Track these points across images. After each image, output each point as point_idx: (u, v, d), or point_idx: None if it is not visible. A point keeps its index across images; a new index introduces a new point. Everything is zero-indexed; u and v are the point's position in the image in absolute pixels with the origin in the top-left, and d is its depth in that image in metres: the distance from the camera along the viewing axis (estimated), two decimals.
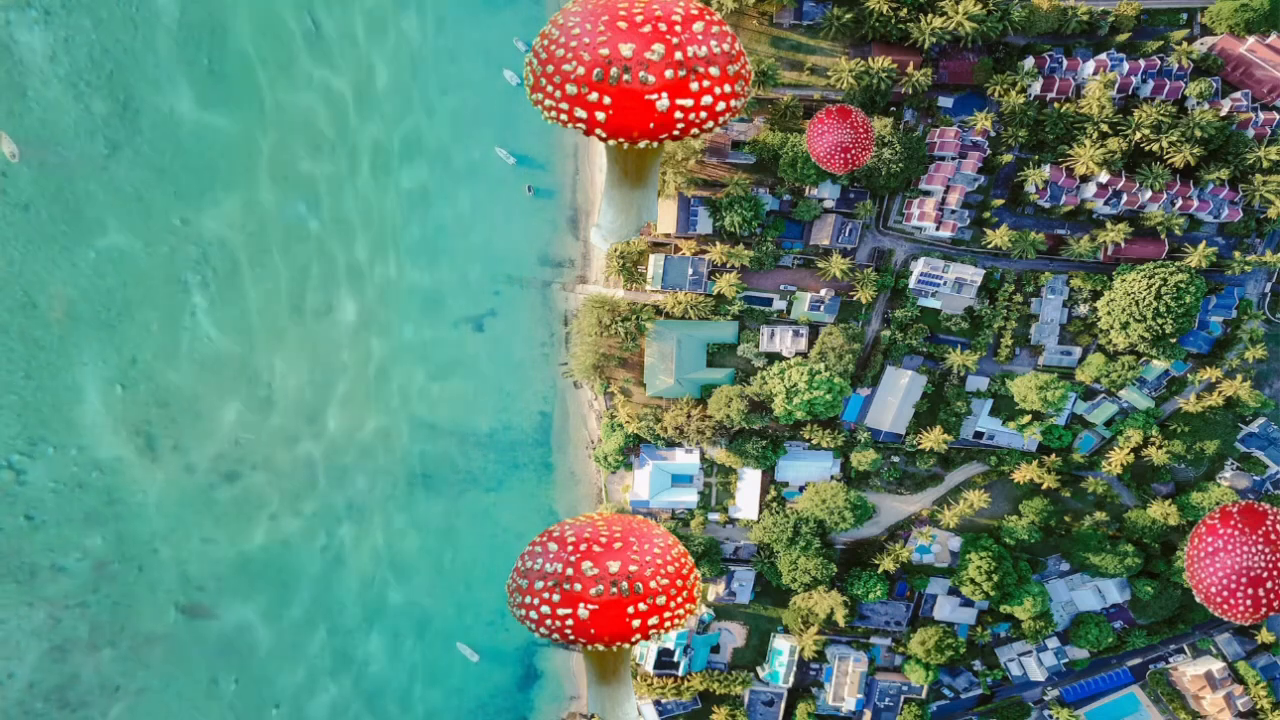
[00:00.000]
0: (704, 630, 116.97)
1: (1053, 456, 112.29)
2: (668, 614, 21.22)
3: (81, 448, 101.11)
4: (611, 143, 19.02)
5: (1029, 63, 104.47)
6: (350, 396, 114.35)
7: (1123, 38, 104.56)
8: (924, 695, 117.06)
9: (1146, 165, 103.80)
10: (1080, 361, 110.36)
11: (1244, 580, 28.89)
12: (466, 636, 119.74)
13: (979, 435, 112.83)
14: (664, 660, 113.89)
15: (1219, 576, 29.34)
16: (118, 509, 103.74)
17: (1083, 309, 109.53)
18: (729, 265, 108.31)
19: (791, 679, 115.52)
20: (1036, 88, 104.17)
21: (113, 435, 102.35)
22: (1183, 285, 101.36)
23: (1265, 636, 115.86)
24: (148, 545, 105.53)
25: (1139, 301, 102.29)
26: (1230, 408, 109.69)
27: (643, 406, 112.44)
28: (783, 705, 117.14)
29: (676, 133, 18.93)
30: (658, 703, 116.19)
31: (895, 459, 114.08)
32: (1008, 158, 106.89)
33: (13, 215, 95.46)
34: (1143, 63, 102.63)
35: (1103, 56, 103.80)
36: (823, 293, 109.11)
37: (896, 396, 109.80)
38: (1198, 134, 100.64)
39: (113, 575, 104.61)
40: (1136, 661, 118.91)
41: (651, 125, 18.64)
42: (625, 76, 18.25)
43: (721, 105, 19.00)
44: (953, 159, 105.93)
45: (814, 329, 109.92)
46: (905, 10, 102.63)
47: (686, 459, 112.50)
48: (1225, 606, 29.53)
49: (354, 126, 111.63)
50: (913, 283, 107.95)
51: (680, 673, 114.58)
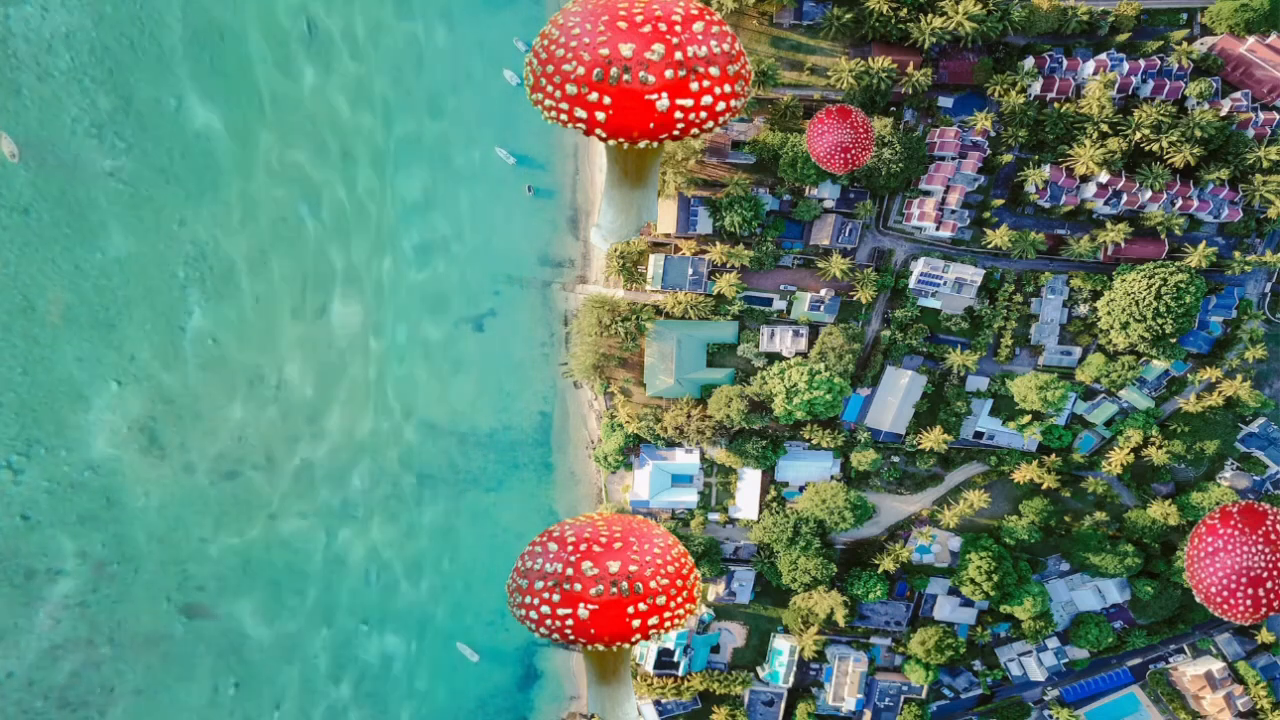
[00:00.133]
0: (704, 630, 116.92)
1: (1053, 456, 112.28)
2: (668, 614, 21.17)
3: (80, 447, 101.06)
4: (611, 143, 18.98)
5: (1029, 63, 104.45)
6: (350, 396, 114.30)
7: (1123, 38, 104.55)
8: (924, 695, 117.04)
9: (1146, 165, 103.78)
10: (1080, 361, 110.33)
11: (1244, 580, 28.86)
12: (466, 636, 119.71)
13: (979, 435, 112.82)
14: (664, 660, 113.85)
15: (1219, 576, 29.30)
16: (116, 509, 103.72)
17: (1083, 309, 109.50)
18: (729, 265, 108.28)
19: (791, 679, 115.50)
20: (1036, 88, 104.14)
21: (112, 435, 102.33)
22: (1183, 285, 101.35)
23: (1265, 636, 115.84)
24: (147, 545, 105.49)
25: (1139, 301, 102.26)
26: (1230, 408, 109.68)
27: (643, 406, 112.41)
28: (783, 705, 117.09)
29: (676, 133, 18.89)
30: (658, 703, 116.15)
31: (895, 459, 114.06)
32: (1008, 158, 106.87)
33: (12, 217, 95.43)
34: (1143, 63, 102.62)
35: (1103, 56, 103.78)
36: (823, 293, 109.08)
37: (896, 396, 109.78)
38: (1198, 134, 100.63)
39: (112, 575, 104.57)
40: (1136, 661, 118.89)
41: (651, 125, 18.60)
42: (625, 76, 18.22)
43: (721, 105, 18.96)
44: (953, 159, 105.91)
45: (814, 329, 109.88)
46: (905, 10, 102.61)
47: (686, 459, 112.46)
48: (1225, 606, 29.49)
49: (354, 126, 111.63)
50: (913, 283, 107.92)
51: (680, 673, 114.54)
